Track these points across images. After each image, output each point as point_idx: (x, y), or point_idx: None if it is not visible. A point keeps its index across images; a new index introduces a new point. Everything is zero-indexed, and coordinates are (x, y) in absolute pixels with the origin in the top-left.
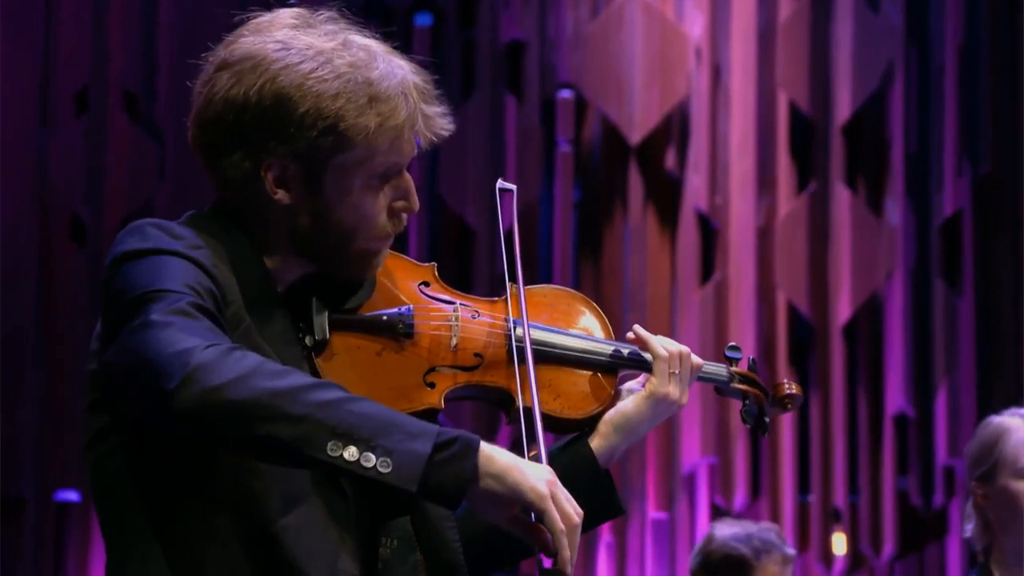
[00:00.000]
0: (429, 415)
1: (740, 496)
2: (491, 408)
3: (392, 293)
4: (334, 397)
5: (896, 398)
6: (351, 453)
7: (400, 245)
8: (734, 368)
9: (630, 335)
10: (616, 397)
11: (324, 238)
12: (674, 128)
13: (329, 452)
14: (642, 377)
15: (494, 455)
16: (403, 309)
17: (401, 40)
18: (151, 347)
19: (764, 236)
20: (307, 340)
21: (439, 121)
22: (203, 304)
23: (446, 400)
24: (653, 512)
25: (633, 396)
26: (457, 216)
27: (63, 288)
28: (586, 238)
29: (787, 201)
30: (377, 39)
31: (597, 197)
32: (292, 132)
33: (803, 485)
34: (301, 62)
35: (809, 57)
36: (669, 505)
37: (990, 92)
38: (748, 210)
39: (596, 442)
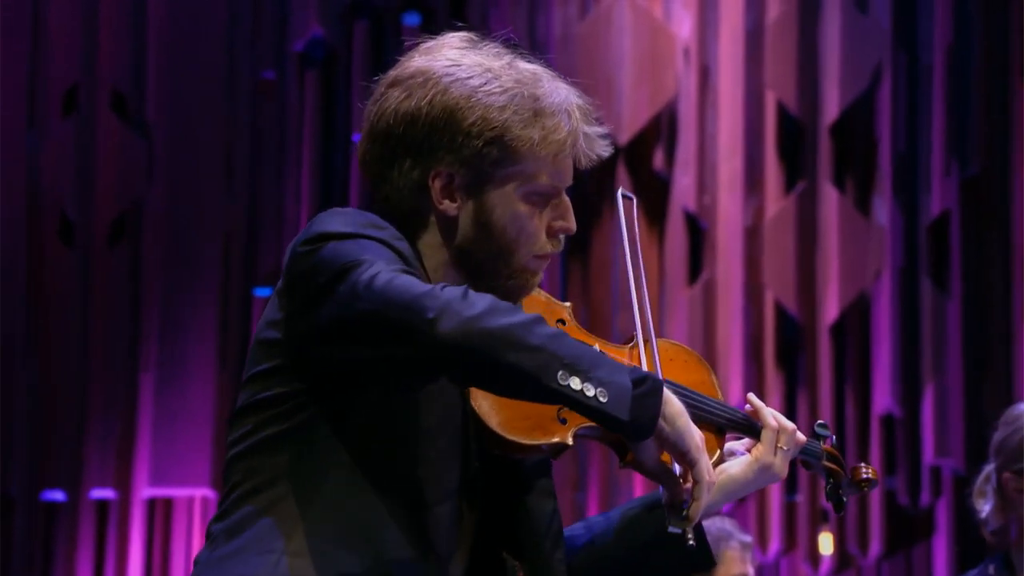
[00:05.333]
0: (559, 449)
1: None
2: (607, 448)
3: None
4: (555, 331)
5: (883, 398)
6: (576, 383)
7: None
8: (825, 446)
9: (747, 407)
10: (720, 458)
11: (486, 248)
12: (662, 128)
13: (559, 381)
14: (745, 442)
15: (671, 398)
16: None
17: (390, 39)
18: (395, 291)
19: (752, 236)
20: None
21: (599, 142)
22: (410, 270)
23: (574, 437)
24: None
25: (740, 460)
26: None
27: (52, 288)
28: (574, 238)
29: (775, 201)
30: (541, 63)
31: (585, 197)
32: (460, 141)
33: (790, 485)
34: (470, 77)
35: (797, 57)
36: None
37: (978, 93)
38: (736, 210)
39: None
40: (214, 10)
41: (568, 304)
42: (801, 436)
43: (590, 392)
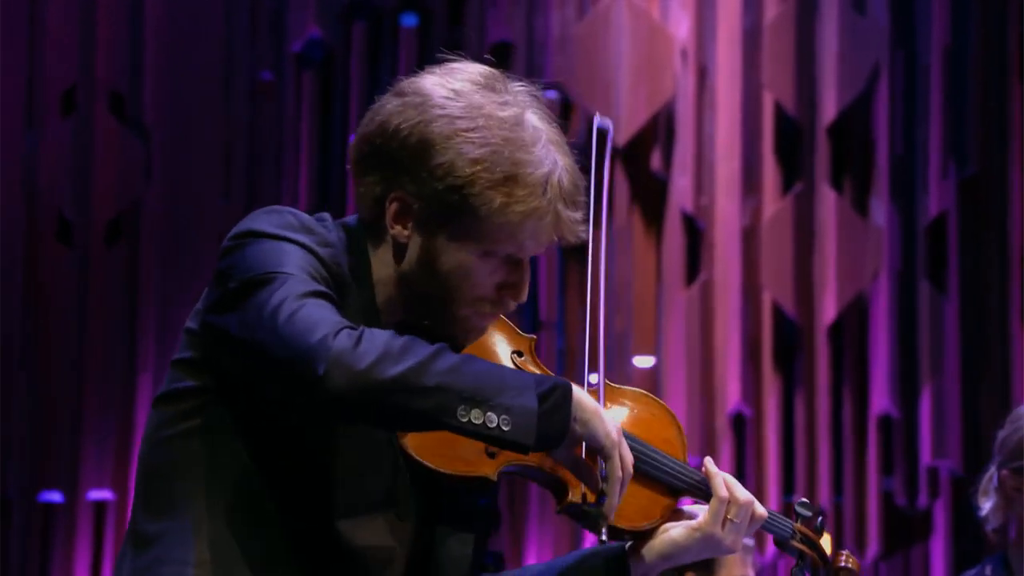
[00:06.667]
0: (481, 483)
1: None
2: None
3: (482, 354)
4: (454, 362)
5: (881, 399)
6: (476, 415)
7: None
8: (798, 525)
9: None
10: (673, 516)
11: (426, 286)
12: (660, 129)
13: (459, 417)
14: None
15: (583, 400)
16: None
17: (388, 40)
18: (292, 333)
19: (750, 237)
20: None
21: (571, 227)
22: (322, 290)
23: (501, 474)
24: None
25: (683, 524)
26: None
27: (49, 289)
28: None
29: (773, 202)
30: (554, 125)
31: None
32: (423, 176)
33: (787, 486)
34: (460, 117)
35: (795, 58)
36: None
37: (976, 93)
38: (734, 211)
39: (635, 557)
40: (212, 11)
41: (533, 336)
42: (761, 510)
43: (492, 423)
